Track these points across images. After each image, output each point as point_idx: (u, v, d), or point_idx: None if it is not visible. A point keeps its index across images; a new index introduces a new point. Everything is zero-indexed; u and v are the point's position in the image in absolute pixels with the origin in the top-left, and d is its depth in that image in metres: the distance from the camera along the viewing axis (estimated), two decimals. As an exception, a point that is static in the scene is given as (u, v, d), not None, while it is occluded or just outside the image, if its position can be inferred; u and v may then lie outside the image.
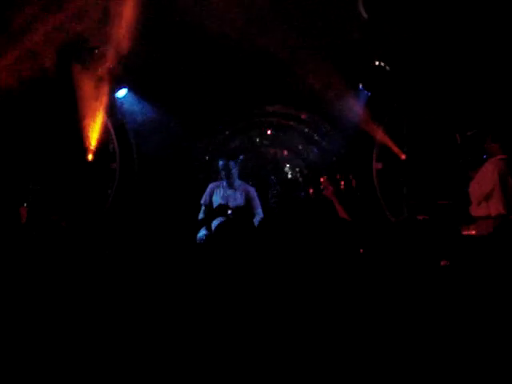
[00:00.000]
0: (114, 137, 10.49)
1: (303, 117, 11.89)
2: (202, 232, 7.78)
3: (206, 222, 7.85)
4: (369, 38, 9.16)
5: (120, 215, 10.06)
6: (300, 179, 12.78)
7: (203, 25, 8.60)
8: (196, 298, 5.11)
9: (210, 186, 8.36)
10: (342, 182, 10.79)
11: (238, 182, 8.19)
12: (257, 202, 8.21)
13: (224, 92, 10.50)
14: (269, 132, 13.64)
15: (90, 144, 10.16)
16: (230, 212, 7.51)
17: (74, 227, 8.65)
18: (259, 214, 8.07)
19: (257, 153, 15.15)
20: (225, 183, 8.16)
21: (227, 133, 12.33)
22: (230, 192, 8.13)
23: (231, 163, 8.03)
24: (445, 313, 4.32)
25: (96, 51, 9.29)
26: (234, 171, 8.06)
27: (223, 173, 8.07)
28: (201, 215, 8.31)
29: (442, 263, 4.99)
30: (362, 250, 5.29)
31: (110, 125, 10.36)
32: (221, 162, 8.08)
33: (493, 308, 4.17)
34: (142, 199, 10.31)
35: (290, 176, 13.24)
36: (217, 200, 8.14)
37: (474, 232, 7.19)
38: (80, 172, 10.27)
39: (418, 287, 4.83)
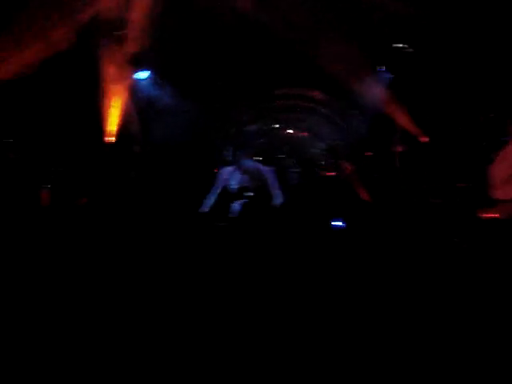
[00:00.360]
0: (136, 120, 10.52)
1: (325, 99, 11.89)
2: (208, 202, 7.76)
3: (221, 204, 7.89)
4: (391, 20, 9.10)
5: (142, 197, 10.12)
6: (321, 160, 12.79)
7: (223, 10, 8.58)
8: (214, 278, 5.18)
9: (224, 170, 8.34)
10: (362, 164, 10.79)
11: (250, 164, 8.17)
12: (273, 182, 8.18)
13: (245, 76, 10.49)
14: (290, 114, 13.67)
15: (112, 126, 10.20)
16: (250, 194, 7.54)
17: (97, 209, 8.75)
18: (277, 195, 8.05)
19: (277, 135, 15.19)
20: (236, 167, 8.16)
21: (247, 116, 12.36)
22: (243, 175, 8.11)
23: (239, 152, 8.03)
24: (458, 295, 4.35)
25: (120, 34, 9.29)
26: (242, 156, 8.05)
27: (232, 159, 8.06)
28: (211, 199, 8.23)
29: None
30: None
31: (132, 108, 10.39)
32: (229, 151, 8.07)
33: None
34: (163, 182, 10.36)
35: (310, 157, 13.24)
36: (233, 184, 8.13)
37: (494, 215, 7.15)
38: (102, 154, 10.32)
39: (432, 268, 4.85)
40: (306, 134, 15.82)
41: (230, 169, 8.23)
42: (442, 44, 9.37)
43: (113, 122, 10.17)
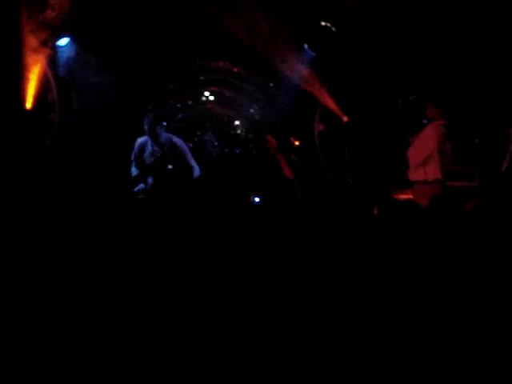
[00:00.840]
0: (53, 87, 10.24)
1: (248, 75, 11.83)
2: (141, 185, 7.76)
3: (141, 178, 7.84)
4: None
5: (57, 167, 9.89)
6: (242, 137, 12.78)
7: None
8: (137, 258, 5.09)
9: (138, 141, 8.30)
10: (285, 142, 10.81)
11: (164, 137, 8.12)
12: (188, 155, 8.18)
13: (167, 48, 10.35)
14: (212, 89, 13.56)
15: (28, 93, 9.91)
16: (170, 167, 7.49)
17: (10, 177, 8.50)
18: (194, 168, 8.05)
19: (199, 110, 15.05)
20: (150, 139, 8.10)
21: (169, 88, 12.21)
22: (157, 148, 8.08)
23: (157, 127, 7.98)
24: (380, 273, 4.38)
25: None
26: (160, 132, 8.01)
27: (149, 135, 8.00)
28: (133, 170, 8.26)
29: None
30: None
31: (49, 75, 10.11)
32: (146, 126, 8.01)
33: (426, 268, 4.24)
34: (80, 152, 10.14)
35: (231, 133, 13.21)
36: (146, 156, 8.10)
37: (410, 196, 7.28)
38: (17, 121, 10.03)
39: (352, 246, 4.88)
40: (227, 110, 15.74)
41: (143, 139, 8.17)
42: (365, 25, 9.43)
43: (29, 89, 9.88)
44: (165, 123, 8.43)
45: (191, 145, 8.56)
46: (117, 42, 10.08)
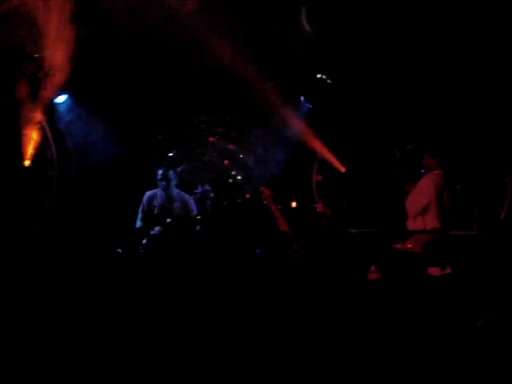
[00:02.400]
0: (51, 144, 10.30)
1: (245, 128, 11.91)
2: (144, 241, 7.77)
3: (144, 231, 7.84)
4: (311, 51, 9.18)
5: (57, 223, 9.89)
6: (239, 188, 12.83)
7: (143, 34, 8.53)
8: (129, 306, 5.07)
9: (147, 194, 8.37)
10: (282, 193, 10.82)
11: (175, 192, 8.21)
12: (194, 212, 8.24)
13: (164, 102, 10.45)
14: (211, 142, 13.63)
15: (27, 150, 9.96)
16: (168, 220, 7.51)
17: (9, 233, 8.49)
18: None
19: (197, 162, 15.10)
20: (162, 192, 8.15)
21: (168, 143, 12.28)
22: (166, 201, 8.13)
23: (171, 173, 8.06)
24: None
25: (35, 57, 9.10)
26: (173, 181, 8.08)
27: (162, 182, 8.08)
28: (138, 223, 8.30)
29: (372, 276, 5.03)
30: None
31: (48, 131, 10.17)
32: (160, 172, 8.08)
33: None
34: (80, 207, 10.15)
35: (229, 185, 13.26)
36: (155, 209, 8.14)
37: (409, 246, 7.25)
38: (16, 178, 10.06)
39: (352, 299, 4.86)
40: (227, 161, 15.82)
41: (152, 192, 8.22)
42: (360, 75, 9.52)
43: (27, 146, 9.93)
44: (183, 167, 8.53)
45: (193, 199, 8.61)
46: (115, 98, 10.17)
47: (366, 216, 9.81)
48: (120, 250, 7.46)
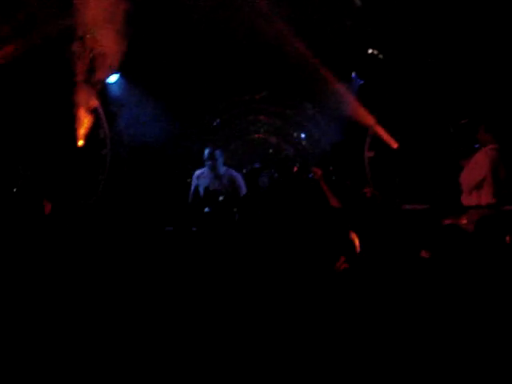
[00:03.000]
0: (104, 123, 10.41)
1: (295, 104, 11.86)
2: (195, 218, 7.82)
3: (195, 209, 7.88)
4: (362, 26, 9.09)
5: (111, 201, 10.01)
6: (292, 165, 12.77)
7: (194, 11, 8.54)
8: (189, 289, 5.10)
9: (196, 173, 8.40)
10: (332, 170, 10.76)
11: (222, 169, 8.22)
12: (243, 189, 8.24)
13: (214, 79, 10.46)
14: (260, 119, 13.62)
15: (80, 130, 10.09)
16: (221, 198, 7.52)
17: (64, 213, 8.61)
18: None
19: (247, 140, 15.11)
20: (210, 170, 8.18)
21: (218, 120, 12.30)
22: (215, 180, 8.15)
23: (217, 152, 8.07)
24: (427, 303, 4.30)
25: (87, 37, 9.18)
26: (220, 160, 8.10)
27: (208, 162, 8.10)
28: (189, 201, 8.35)
29: (424, 254, 4.97)
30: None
31: (100, 111, 10.28)
32: (206, 151, 8.10)
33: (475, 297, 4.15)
34: (132, 186, 10.26)
35: (279, 163, 13.23)
36: (202, 188, 8.16)
37: (464, 221, 7.16)
38: (70, 157, 10.21)
39: (402, 278, 4.81)
40: (275, 138, 15.79)
41: (200, 171, 8.25)
42: (412, 50, 9.38)
43: (81, 126, 10.06)
44: (231, 146, 8.55)
45: (244, 172, 8.62)
46: (165, 78, 10.22)
47: (420, 192, 9.70)
48: (171, 228, 7.52)
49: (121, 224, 8.21)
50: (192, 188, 8.40)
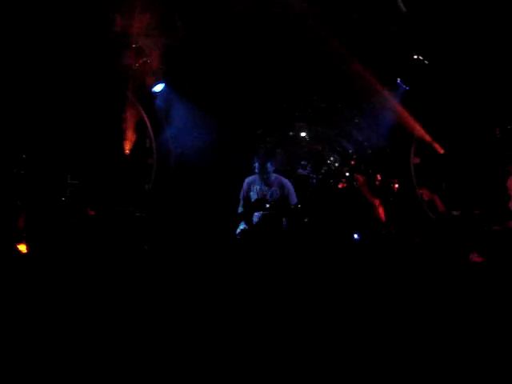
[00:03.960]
0: (150, 132, 10.52)
1: (341, 111, 11.84)
2: (241, 226, 7.90)
3: (245, 216, 7.95)
4: (407, 32, 9.04)
5: (158, 210, 10.10)
6: (335, 172, 12.81)
7: (239, 21, 8.58)
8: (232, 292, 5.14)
9: (246, 181, 8.50)
10: (379, 178, 10.71)
11: (273, 177, 8.30)
12: (293, 196, 8.30)
13: (259, 88, 10.49)
14: (304, 125, 13.61)
15: (127, 139, 10.21)
16: (267, 206, 7.58)
17: (111, 221, 8.73)
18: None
19: (292, 147, 15.11)
20: (260, 178, 8.27)
21: (263, 129, 12.34)
22: (265, 187, 8.24)
23: (268, 165, 8.16)
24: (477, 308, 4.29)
25: (133, 46, 9.28)
26: (270, 170, 8.18)
27: (260, 172, 8.19)
28: (240, 209, 8.44)
29: (475, 259, 4.94)
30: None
31: (146, 120, 10.39)
32: (257, 164, 8.19)
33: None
34: (179, 195, 10.33)
35: (324, 170, 13.25)
36: (254, 195, 8.25)
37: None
38: (117, 166, 10.33)
39: (450, 284, 4.79)
40: (320, 146, 15.78)
41: (251, 178, 8.34)
42: (457, 56, 9.31)
43: (128, 135, 10.17)
44: (277, 152, 8.61)
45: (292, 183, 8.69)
46: (210, 86, 10.28)
47: (467, 197, 9.60)
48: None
49: (168, 233, 8.31)
50: (242, 194, 8.51)
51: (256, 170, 8.31)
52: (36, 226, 7.61)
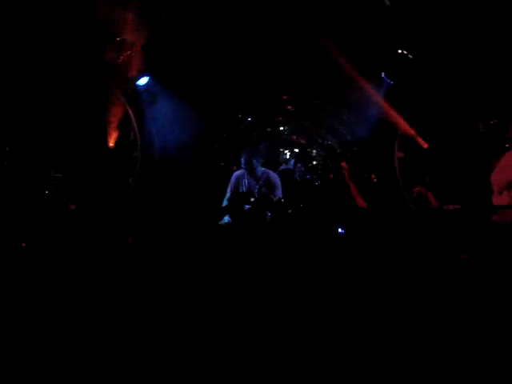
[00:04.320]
0: (135, 125, 10.49)
1: (324, 105, 11.86)
2: (226, 218, 7.92)
3: (230, 210, 7.96)
4: (391, 26, 9.06)
5: (142, 203, 10.09)
6: (319, 166, 12.78)
7: (223, 14, 8.58)
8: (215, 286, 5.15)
9: (235, 175, 8.54)
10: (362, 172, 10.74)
11: (260, 171, 8.34)
12: (279, 189, 8.34)
13: (244, 81, 10.50)
14: (288, 119, 13.63)
15: (111, 132, 10.17)
16: (252, 199, 7.60)
17: (94, 214, 8.70)
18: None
19: (277, 140, 15.12)
20: (248, 173, 8.31)
21: (248, 122, 12.34)
22: (253, 182, 8.28)
23: (254, 161, 8.20)
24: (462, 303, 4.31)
25: (117, 39, 9.25)
26: (256, 165, 8.22)
27: (246, 168, 8.23)
28: (224, 202, 8.46)
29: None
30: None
31: (131, 113, 10.36)
32: (243, 159, 8.22)
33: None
34: (163, 187, 10.33)
35: (310, 163, 13.24)
36: (241, 190, 8.30)
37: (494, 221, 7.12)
38: (101, 159, 10.30)
39: (435, 278, 4.81)
40: (304, 139, 15.80)
41: (239, 172, 8.37)
42: (441, 50, 9.34)
43: (112, 128, 10.15)
44: (261, 146, 8.64)
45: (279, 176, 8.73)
46: (196, 79, 10.26)
47: (450, 192, 9.65)
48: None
49: (152, 226, 8.29)
50: (229, 188, 8.54)
51: (242, 166, 8.35)
52: (18, 219, 7.57)
